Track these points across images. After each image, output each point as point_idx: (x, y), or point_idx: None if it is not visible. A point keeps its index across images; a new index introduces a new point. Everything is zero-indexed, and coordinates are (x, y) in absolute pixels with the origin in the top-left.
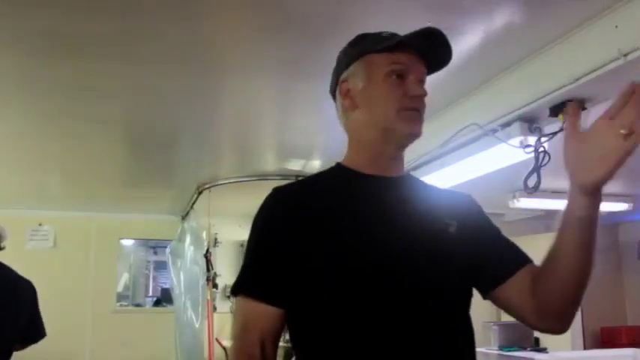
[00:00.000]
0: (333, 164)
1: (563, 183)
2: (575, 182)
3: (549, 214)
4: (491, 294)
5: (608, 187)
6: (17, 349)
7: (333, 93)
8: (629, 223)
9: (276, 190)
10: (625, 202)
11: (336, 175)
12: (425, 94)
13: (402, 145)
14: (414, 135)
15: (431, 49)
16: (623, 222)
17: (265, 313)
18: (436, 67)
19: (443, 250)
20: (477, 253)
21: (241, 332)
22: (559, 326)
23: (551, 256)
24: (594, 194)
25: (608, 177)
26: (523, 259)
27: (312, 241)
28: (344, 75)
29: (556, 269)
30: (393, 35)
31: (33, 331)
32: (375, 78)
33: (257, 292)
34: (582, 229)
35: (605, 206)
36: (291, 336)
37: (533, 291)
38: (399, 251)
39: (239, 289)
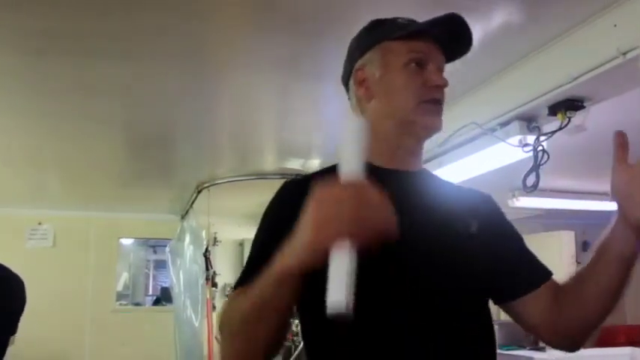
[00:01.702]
0: (332, 163)
1: (563, 182)
2: (624, 215)
3: (549, 213)
4: (505, 304)
5: (608, 187)
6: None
7: (345, 82)
8: None
9: (288, 182)
10: None
11: None
12: (446, 84)
13: (421, 139)
14: (434, 129)
15: (451, 37)
16: None
17: None
18: (454, 56)
19: (463, 248)
20: (497, 259)
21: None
22: (573, 347)
23: (582, 283)
24: None
25: None
26: (545, 275)
27: None
28: (359, 63)
29: (585, 297)
30: (411, 22)
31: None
32: (393, 66)
33: None
34: (621, 264)
35: (605, 205)
36: (302, 333)
37: (553, 309)
38: (418, 248)
39: (243, 281)
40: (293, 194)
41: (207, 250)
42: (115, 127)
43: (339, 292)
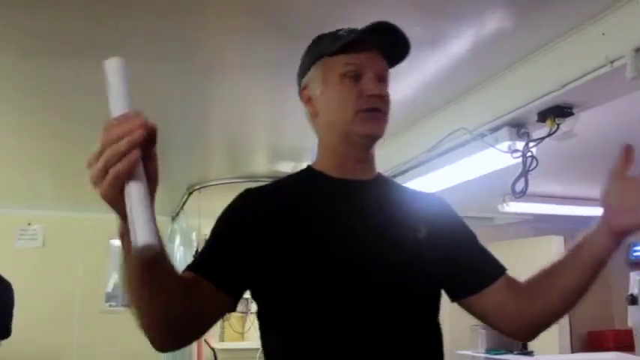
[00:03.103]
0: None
1: (552, 187)
2: (608, 222)
3: (539, 217)
4: (462, 301)
5: (598, 192)
6: None
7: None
8: None
9: (246, 190)
10: None
11: (306, 178)
12: (382, 92)
13: (365, 147)
14: (374, 136)
15: (387, 42)
16: None
17: (206, 287)
18: (397, 59)
19: (408, 254)
20: (450, 259)
21: None
22: (530, 337)
23: (548, 279)
24: (620, 238)
25: None
26: (499, 270)
27: (275, 241)
28: (304, 81)
29: (550, 293)
30: (351, 32)
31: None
32: (331, 81)
33: (205, 269)
34: (594, 268)
35: (594, 211)
36: (260, 335)
37: (509, 303)
38: (361, 254)
39: (189, 266)
40: (247, 201)
41: (196, 251)
42: None
43: (143, 233)
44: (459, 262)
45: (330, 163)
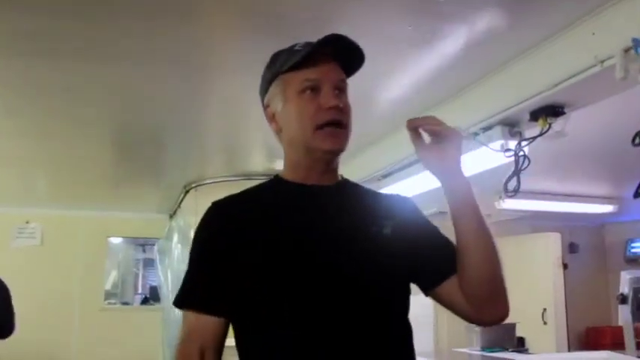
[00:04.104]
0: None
1: (549, 184)
2: (433, 165)
3: (536, 215)
4: (432, 292)
5: (595, 190)
6: None
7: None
8: (615, 224)
9: (214, 204)
10: (610, 204)
11: (273, 186)
12: (339, 103)
13: (328, 161)
14: (335, 151)
15: (341, 52)
16: (608, 223)
17: (205, 323)
18: (353, 69)
19: (375, 252)
20: (415, 253)
21: (182, 343)
22: (494, 313)
23: (459, 257)
24: (444, 166)
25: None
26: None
27: (246, 251)
28: (266, 100)
29: (460, 257)
30: (307, 46)
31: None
32: (289, 97)
33: (196, 303)
34: (459, 207)
35: (591, 208)
36: (236, 343)
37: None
38: (330, 256)
39: (179, 302)
40: (216, 217)
41: None
42: (104, 127)
43: None
44: (423, 254)
45: (295, 175)
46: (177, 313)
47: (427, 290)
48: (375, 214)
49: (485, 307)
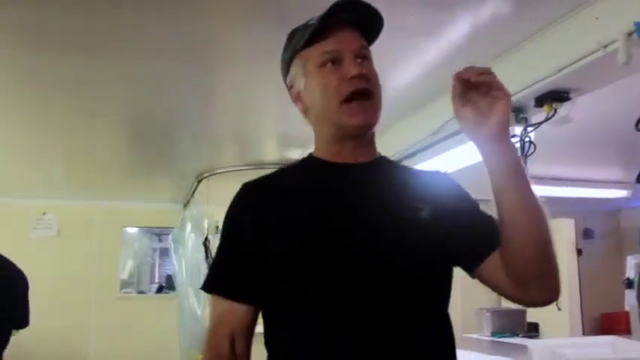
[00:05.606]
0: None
1: (561, 170)
2: (477, 134)
3: (549, 200)
4: (475, 273)
5: (609, 175)
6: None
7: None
8: (630, 210)
9: (244, 186)
10: (625, 189)
11: (304, 166)
12: (362, 70)
13: (358, 137)
14: (364, 126)
15: (357, 17)
16: (623, 208)
17: (235, 310)
18: (374, 32)
19: (408, 235)
20: (456, 233)
21: (212, 330)
22: (542, 295)
23: (504, 231)
24: (496, 134)
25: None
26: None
27: (278, 236)
28: (289, 80)
29: (505, 232)
30: (320, 19)
31: (23, 319)
32: (311, 73)
33: (225, 290)
34: (508, 180)
35: (605, 193)
36: (264, 329)
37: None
38: (364, 240)
39: (209, 287)
40: (245, 199)
41: (206, 239)
42: (117, 119)
43: None
44: (464, 233)
45: (327, 151)
46: (192, 301)
47: (471, 271)
48: (411, 194)
49: (530, 288)
